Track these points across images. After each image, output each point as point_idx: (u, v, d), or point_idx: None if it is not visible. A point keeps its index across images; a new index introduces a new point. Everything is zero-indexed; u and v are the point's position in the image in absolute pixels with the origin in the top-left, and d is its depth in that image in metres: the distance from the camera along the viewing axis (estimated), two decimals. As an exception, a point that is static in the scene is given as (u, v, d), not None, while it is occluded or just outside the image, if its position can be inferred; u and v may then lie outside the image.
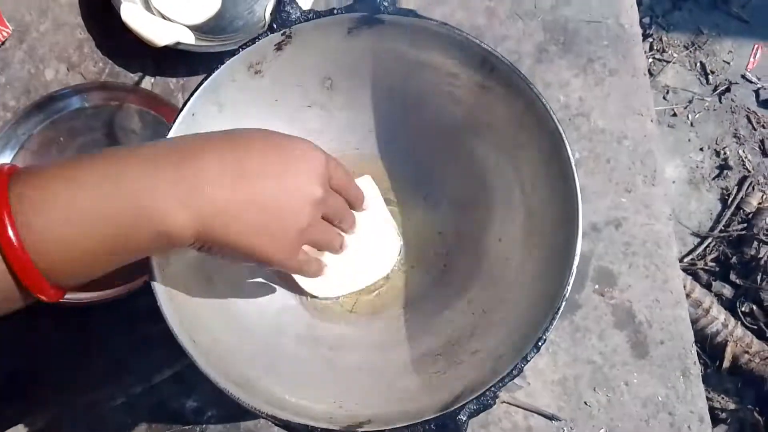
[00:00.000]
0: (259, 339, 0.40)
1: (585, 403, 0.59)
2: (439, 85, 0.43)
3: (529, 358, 0.33)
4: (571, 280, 0.34)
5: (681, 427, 0.58)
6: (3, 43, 0.64)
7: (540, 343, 0.33)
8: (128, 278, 0.56)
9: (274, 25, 0.38)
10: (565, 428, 0.58)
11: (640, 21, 0.79)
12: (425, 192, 0.48)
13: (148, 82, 0.65)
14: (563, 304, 0.34)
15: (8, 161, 0.60)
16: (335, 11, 0.38)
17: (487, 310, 0.41)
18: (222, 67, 0.38)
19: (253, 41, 0.38)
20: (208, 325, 0.36)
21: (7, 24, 0.64)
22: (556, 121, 0.37)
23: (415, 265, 0.48)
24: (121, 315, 0.56)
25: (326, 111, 0.46)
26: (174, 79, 0.65)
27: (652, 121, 0.69)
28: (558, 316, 0.33)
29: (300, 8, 0.38)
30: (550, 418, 0.58)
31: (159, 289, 0.35)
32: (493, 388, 0.32)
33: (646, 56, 1.47)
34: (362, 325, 0.44)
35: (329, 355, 0.42)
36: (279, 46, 0.40)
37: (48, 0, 0.67)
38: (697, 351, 0.61)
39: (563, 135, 0.37)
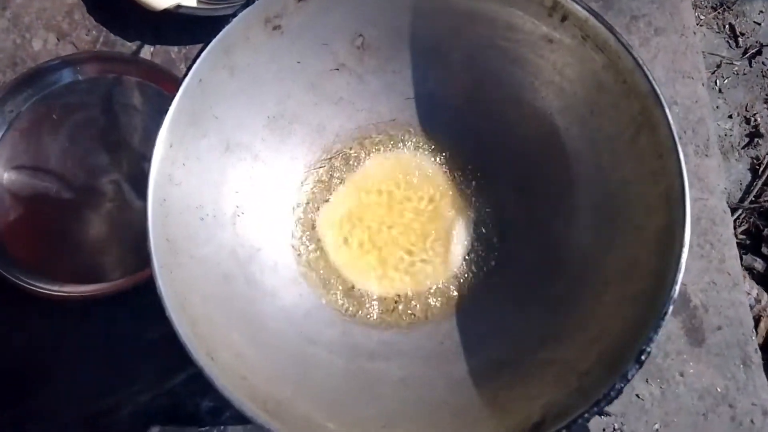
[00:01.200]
0: (288, 349, 0.35)
1: (637, 396, 0.54)
2: (494, 41, 0.37)
3: (630, 377, 0.27)
4: (680, 278, 0.28)
5: (743, 421, 0.53)
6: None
7: (643, 357, 0.27)
8: (131, 270, 0.51)
9: (297, -32, 0.32)
10: (615, 424, 0.53)
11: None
12: (477, 169, 0.42)
13: (147, 52, 0.59)
14: (671, 308, 0.28)
15: (-4, 141, 0.55)
16: (371, -49, 0.32)
17: (556, 311, 0.35)
18: (234, 21, 0.32)
19: (271, -13, 0.32)
20: (228, 338, 0.31)
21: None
22: (651, 80, 0.31)
23: (468, 257, 0.42)
24: (127, 312, 0.51)
25: (356, 75, 0.40)
26: (176, 48, 0.59)
27: (703, 84, 0.63)
28: (664, 323, 0.27)
29: (328, -52, 0.31)
30: (599, 413, 0.53)
31: (167, 298, 0.29)
32: (586, 415, 0.27)
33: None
34: (405, 330, 0.39)
35: (368, 367, 0.36)
36: (302, -6, 0.33)
37: (33, -39, 0.61)
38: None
39: (661, 98, 0.31)
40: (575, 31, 0.34)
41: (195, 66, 0.32)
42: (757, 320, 1.17)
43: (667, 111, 0.31)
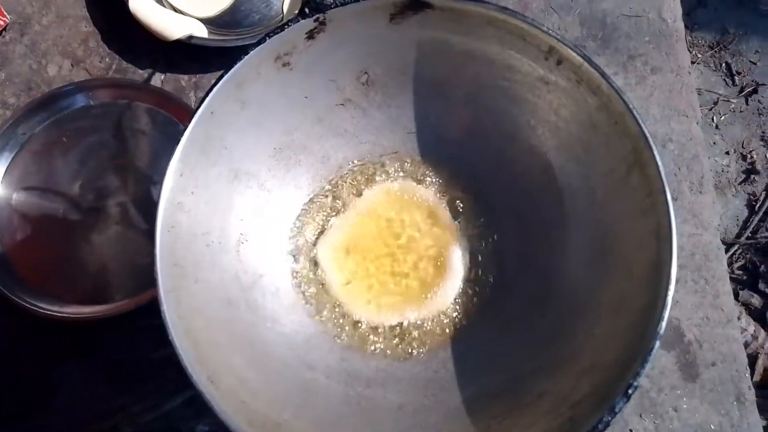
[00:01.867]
0: (288, 374, 0.35)
1: (630, 431, 0.54)
2: (493, 80, 0.38)
3: (617, 410, 0.28)
4: (666, 314, 0.29)
5: (737, 459, 0.53)
6: (0, 33, 0.59)
7: (630, 391, 0.28)
8: (133, 292, 0.52)
9: (307, 10, 0.33)
10: (609, 458, 0.53)
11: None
12: (475, 202, 0.43)
13: (158, 79, 0.60)
14: (657, 344, 0.29)
15: (7, 162, 0.56)
16: (379, -6, 0.34)
17: (549, 343, 0.36)
18: (246, 57, 0.34)
19: (281, 28, 0.34)
20: (230, 361, 0.31)
21: (5, 13, 0.59)
22: (640, 122, 0.32)
23: (464, 288, 0.43)
24: (128, 333, 0.51)
25: (361, 110, 0.41)
26: (186, 76, 0.61)
27: (698, 123, 0.65)
28: (651, 357, 0.28)
29: (336, -9, 0.33)
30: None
31: (171, 322, 0.30)
32: None
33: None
34: (402, 358, 0.39)
35: (366, 393, 0.37)
36: (311, 35, 0.35)
37: (51, -10, 0.63)
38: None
39: (649, 139, 0.32)
40: (570, 75, 0.35)
41: (208, 98, 0.33)
42: (754, 358, 1.17)
43: (656, 152, 0.32)
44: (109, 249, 0.55)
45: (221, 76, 0.34)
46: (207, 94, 0.33)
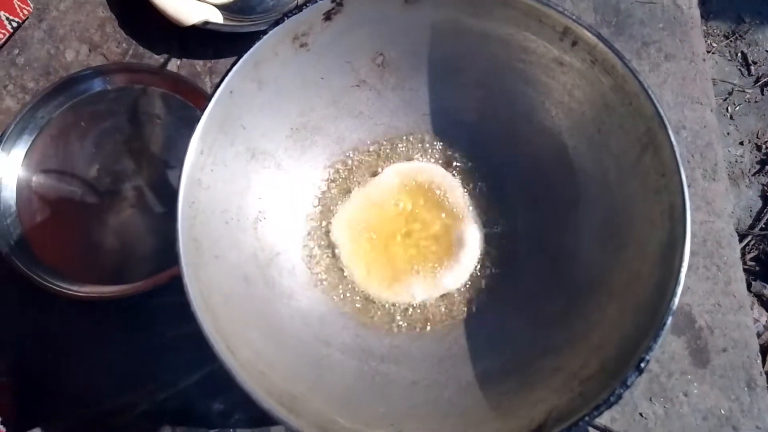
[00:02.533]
0: (303, 349, 0.36)
1: (641, 414, 0.54)
2: (508, 62, 0.38)
3: (629, 383, 0.28)
4: (679, 290, 0.30)
5: (747, 444, 0.54)
6: (23, 21, 0.60)
7: (642, 365, 0.29)
8: (148, 273, 0.53)
9: (324, -10, 0.34)
10: (618, 441, 0.53)
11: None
12: (489, 182, 0.43)
13: (173, 64, 0.61)
14: (670, 319, 0.29)
15: (27, 145, 0.57)
16: (394, -25, 0.34)
17: (561, 322, 0.36)
18: (265, 38, 0.34)
19: (299, 9, 0.34)
20: (247, 336, 0.32)
21: (29, 2, 0.60)
22: (655, 101, 0.32)
23: (478, 267, 0.43)
24: (144, 313, 0.52)
25: (376, 91, 0.42)
26: (201, 61, 0.61)
27: (711, 110, 0.64)
28: (663, 333, 0.29)
29: (354, -28, 0.33)
30: (603, 430, 0.53)
31: (193, 295, 0.31)
32: (586, 418, 0.28)
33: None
34: (415, 335, 0.40)
35: (380, 369, 0.38)
36: (328, 16, 0.35)
37: (69, -24, 0.64)
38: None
39: (664, 119, 0.32)
40: (585, 55, 0.36)
41: (227, 78, 0.34)
42: (766, 348, 1.16)
43: (671, 132, 0.32)
44: (125, 231, 0.56)
45: (239, 57, 0.34)
46: (226, 74, 0.34)
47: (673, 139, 0.32)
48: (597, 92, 0.36)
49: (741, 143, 1.38)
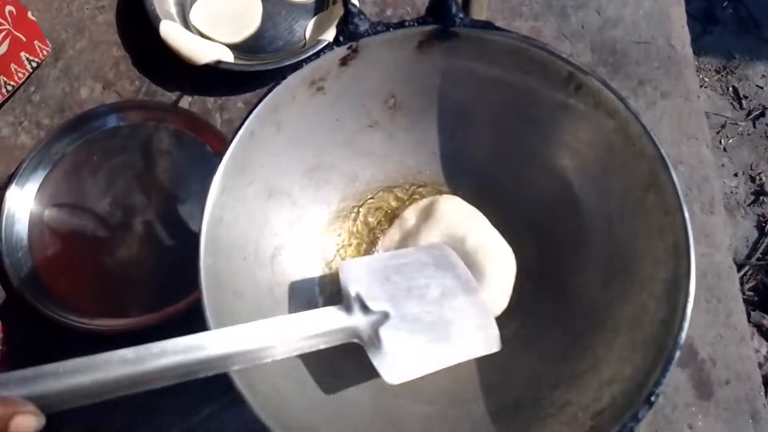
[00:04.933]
0: (320, 384, 0.37)
1: (647, 447, 0.54)
2: (515, 104, 0.40)
3: (640, 417, 0.29)
4: (686, 325, 0.31)
5: (753, 477, 0.54)
6: (43, 61, 0.62)
7: (653, 398, 0.29)
8: (158, 307, 0.53)
9: (341, 38, 0.35)
10: (625, 474, 0.54)
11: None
12: (496, 219, 0.44)
13: (185, 101, 0.63)
14: (678, 353, 0.30)
15: (40, 180, 0.58)
16: (406, 23, 0.36)
17: (571, 356, 0.37)
18: (284, 83, 0.36)
19: (317, 55, 0.36)
20: (264, 371, 0.33)
21: (47, 42, 0.62)
22: (656, 143, 0.34)
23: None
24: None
25: (388, 132, 0.43)
26: (212, 99, 0.63)
27: (707, 146, 0.66)
28: (671, 367, 0.30)
29: (368, 20, 0.35)
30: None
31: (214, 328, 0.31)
32: None
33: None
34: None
35: (394, 403, 0.38)
36: (344, 61, 0.37)
37: (85, 18, 0.66)
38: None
39: (666, 160, 0.34)
40: (588, 99, 0.37)
41: (248, 121, 0.35)
42: (767, 378, 1.16)
43: (673, 173, 0.33)
44: (135, 264, 0.57)
45: (260, 100, 0.36)
46: (247, 117, 0.35)
47: (675, 178, 0.33)
48: (601, 134, 0.38)
49: (735, 175, 1.40)
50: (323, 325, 0.34)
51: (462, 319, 0.38)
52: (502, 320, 0.43)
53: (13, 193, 0.57)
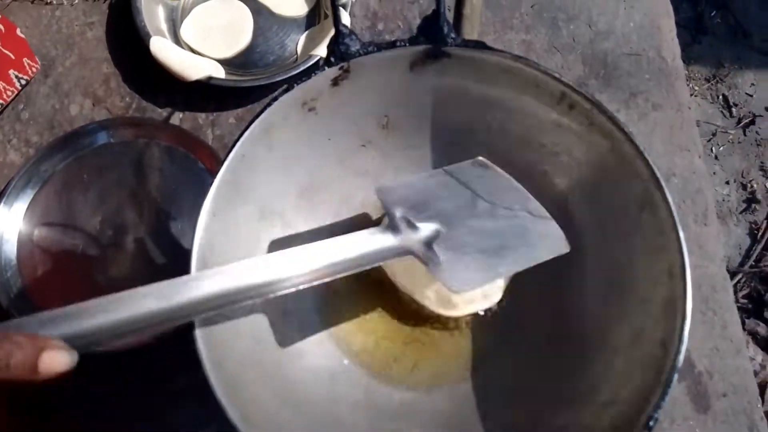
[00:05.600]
0: (315, 410, 0.36)
1: (645, 462, 0.54)
2: (508, 124, 0.40)
3: (638, 440, 0.29)
4: (683, 349, 0.30)
5: (752, 490, 0.53)
6: (32, 78, 0.62)
7: (651, 423, 0.29)
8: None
9: (332, 59, 0.35)
10: (624, 490, 0.53)
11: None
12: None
13: (176, 118, 0.62)
14: (675, 377, 0.30)
15: (29, 199, 0.57)
16: (398, 43, 0.36)
17: (569, 377, 0.37)
18: (275, 104, 0.35)
19: (308, 76, 0.36)
20: (259, 397, 0.32)
21: (37, 59, 0.62)
22: (650, 164, 0.34)
23: (481, 320, 0.44)
24: (148, 365, 0.52)
25: (381, 151, 0.43)
26: (203, 114, 0.63)
27: (699, 157, 0.66)
28: (671, 390, 0.29)
29: (360, 40, 0.35)
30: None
31: (206, 357, 0.31)
32: None
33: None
34: (424, 391, 0.40)
35: (390, 427, 0.38)
36: (335, 82, 0.37)
37: (74, 34, 0.65)
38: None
39: (660, 180, 0.33)
40: (582, 119, 0.37)
41: (239, 143, 0.35)
42: (762, 387, 1.16)
43: (668, 193, 0.33)
44: (127, 283, 0.54)
45: (251, 121, 0.35)
46: (238, 138, 0.35)
47: (669, 198, 0.33)
48: (595, 153, 0.37)
49: (727, 182, 1.41)
50: (374, 245, 0.33)
51: (521, 226, 0.37)
52: (499, 340, 0.43)
53: (1, 212, 0.56)
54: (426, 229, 0.35)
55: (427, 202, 0.37)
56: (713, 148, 1.45)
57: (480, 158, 0.41)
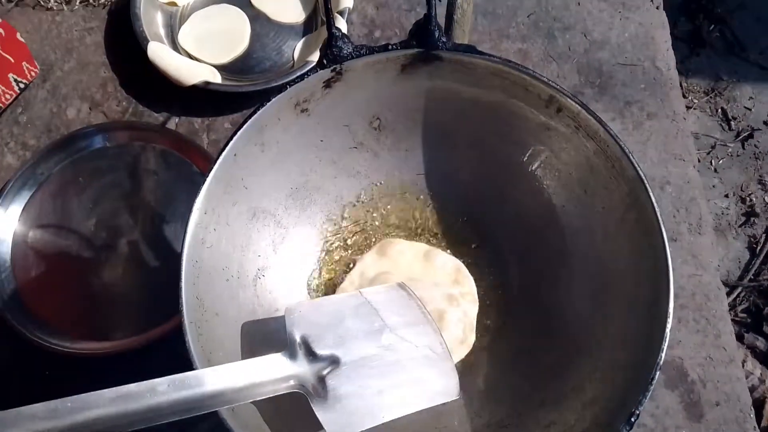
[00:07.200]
0: (302, 407, 0.36)
1: (638, 470, 0.54)
2: (497, 125, 0.40)
3: (621, 435, 0.29)
4: (665, 347, 0.30)
5: (745, 501, 0.53)
6: (30, 82, 0.62)
7: (633, 419, 0.29)
8: (143, 329, 0.53)
9: (324, 61, 0.36)
10: (617, 499, 0.53)
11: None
12: (481, 238, 0.44)
13: (173, 122, 0.63)
14: (657, 374, 0.30)
15: (25, 201, 0.58)
16: (390, 47, 0.36)
17: (555, 375, 0.37)
18: (268, 104, 0.36)
19: (301, 78, 0.36)
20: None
21: (36, 63, 0.62)
22: (636, 166, 0.34)
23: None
24: (137, 368, 0.51)
25: (373, 152, 0.43)
26: (199, 119, 0.63)
27: (694, 166, 0.67)
28: (652, 388, 0.29)
29: (352, 43, 0.35)
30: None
31: (195, 352, 0.31)
32: None
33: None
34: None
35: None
36: (328, 84, 0.37)
37: (74, 39, 0.66)
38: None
39: (645, 182, 0.34)
40: (569, 121, 0.38)
41: (232, 142, 0.35)
42: (761, 402, 1.15)
43: (652, 194, 0.34)
44: (120, 286, 0.56)
45: (244, 121, 0.36)
46: (231, 138, 0.35)
47: (654, 200, 0.34)
48: (582, 155, 0.38)
49: (726, 196, 1.41)
50: (265, 374, 0.32)
51: (419, 366, 0.36)
52: (488, 340, 0.43)
53: (-4, 214, 0.56)
54: (323, 357, 0.35)
55: (334, 326, 0.36)
56: (712, 161, 1.45)
57: (400, 282, 0.41)
